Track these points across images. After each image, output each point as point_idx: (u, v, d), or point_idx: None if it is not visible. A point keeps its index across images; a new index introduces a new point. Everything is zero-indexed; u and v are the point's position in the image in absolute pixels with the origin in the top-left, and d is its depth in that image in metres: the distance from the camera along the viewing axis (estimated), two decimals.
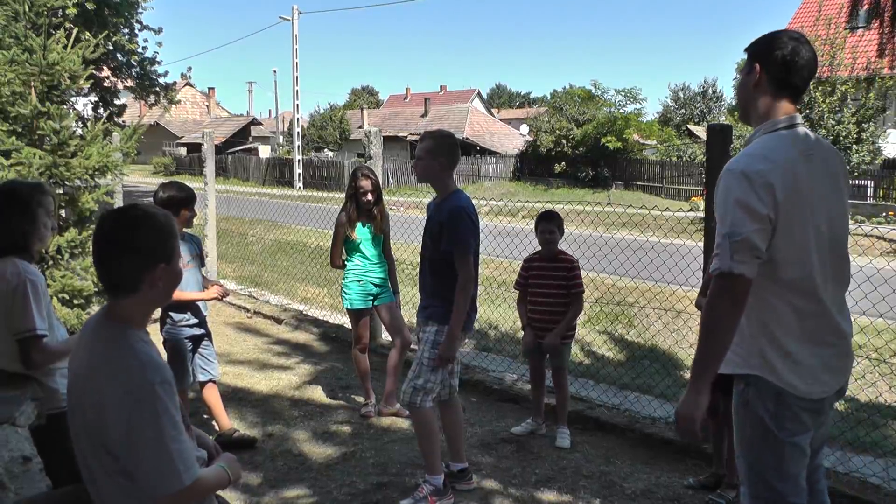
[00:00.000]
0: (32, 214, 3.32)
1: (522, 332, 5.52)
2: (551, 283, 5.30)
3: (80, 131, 7.92)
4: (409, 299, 9.04)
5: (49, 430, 3.15)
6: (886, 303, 6.19)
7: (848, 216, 2.80)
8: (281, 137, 55.20)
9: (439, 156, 4.34)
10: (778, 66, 2.65)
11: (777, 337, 2.60)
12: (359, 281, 5.82)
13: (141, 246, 2.18)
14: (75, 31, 8.30)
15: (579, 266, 5.32)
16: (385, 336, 7.39)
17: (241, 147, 52.28)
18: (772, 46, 2.66)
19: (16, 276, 3.17)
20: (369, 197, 5.75)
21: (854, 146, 20.81)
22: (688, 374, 7.73)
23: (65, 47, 7.64)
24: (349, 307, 5.87)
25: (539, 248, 5.45)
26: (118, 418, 2.03)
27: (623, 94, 37.22)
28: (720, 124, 4.94)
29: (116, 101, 28.07)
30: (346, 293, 5.86)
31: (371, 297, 5.87)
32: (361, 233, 5.82)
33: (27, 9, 7.55)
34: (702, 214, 5.29)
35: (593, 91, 37.93)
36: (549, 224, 5.32)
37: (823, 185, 2.64)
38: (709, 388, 2.59)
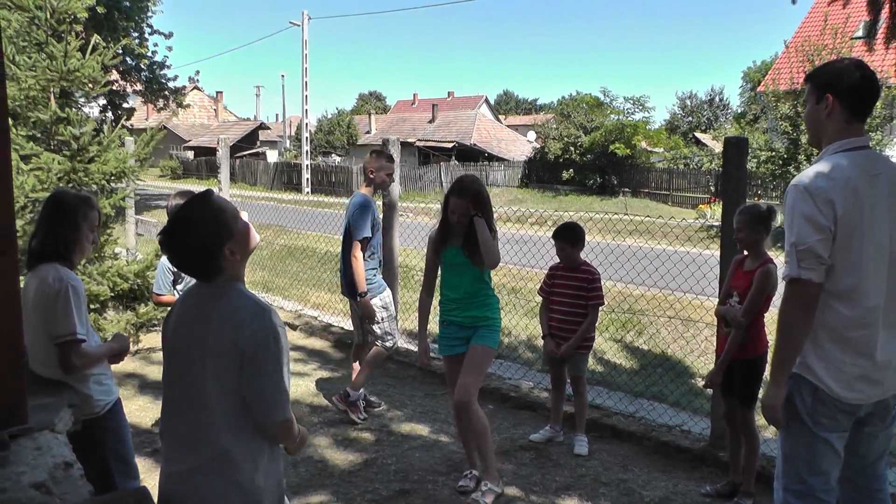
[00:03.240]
0: (76, 225, 3.40)
1: (543, 341, 5.54)
2: (571, 292, 5.33)
3: (97, 136, 7.97)
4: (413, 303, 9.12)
5: (84, 435, 3.20)
6: None
7: None
8: (288, 142, 55.25)
9: None
10: (851, 94, 2.83)
11: (821, 340, 2.81)
12: (442, 322, 4.73)
13: (203, 239, 2.37)
14: (94, 37, 8.37)
15: (600, 278, 5.35)
16: (405, 343, 7.40)
17: (249, 151, 52.39)
18: (843, 77, 2.83)
19: (58, 282, 3.24)
20: (457, 218, 4.47)
21: None
22: (698, 382, 7.79)
23: (82, 52, 7.72)
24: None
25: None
26: (248, 356, 2.32)
27: (631, 101, 37.18)
28: (736, 137, 5.00)
29: (125, 105, 28.24)
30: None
31: (459, 342, 4.63)
32: (452, 258, 4.60)
33: (49, 15, 7.63)
34: (710, 222, 5.35)
35: (602, 98, 37.89)
36: (558, 240, 5.38)
37: (888, 204, 2.80)
38: (786, 382, 2.84)
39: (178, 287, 5.21)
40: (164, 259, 4.94)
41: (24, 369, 2.73)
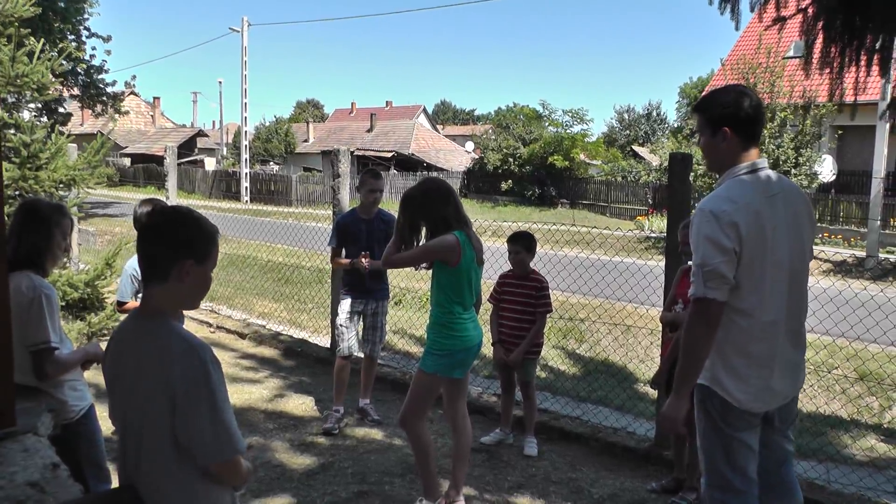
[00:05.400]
0: (49, 233, 3.45)
1: (493, 347, 5.74)
2: (521, 300, 5.56)
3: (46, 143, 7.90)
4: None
5: (59, 439, 3.28)
6: (818, 317, 6.58)
7: (808, 251, 3.18)
8: (226, 149, 54.59)
9: None
10: (746, 124, 3.03)
11: (728, 355, 3.02)
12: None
13: (176, 237, 2.30)
14: (31, 41, 8.29)
15: (548, 286, 5.59)
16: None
17: (188, 159, 51.57)
18: (737, 109, 3.01)
19: (31, 290, 3.30)
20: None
21: (793, 170, 21.61)
22: (641, 387, 8.07)
23: (28, 57, 7.63)
24: (424, 369, 4.44)
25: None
26: (179, 398, 2.19)
27: (570, 114, 37.85)
28: (681, 153, 5.30)
29: (61, 110, 27.60)
30: (434, 352, 4.39)
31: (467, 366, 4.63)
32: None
33: None
34: (648, 233, 5.63)
35: (541, 110, 38.48)
36: (514, 244, 5.60)
37: (785, 223, 3.01)
38: (689, 395, 3.04)
39: (141, 296, 5.25)
40: (128, 265, 4.99)
41: (12, 374, 2.81)
